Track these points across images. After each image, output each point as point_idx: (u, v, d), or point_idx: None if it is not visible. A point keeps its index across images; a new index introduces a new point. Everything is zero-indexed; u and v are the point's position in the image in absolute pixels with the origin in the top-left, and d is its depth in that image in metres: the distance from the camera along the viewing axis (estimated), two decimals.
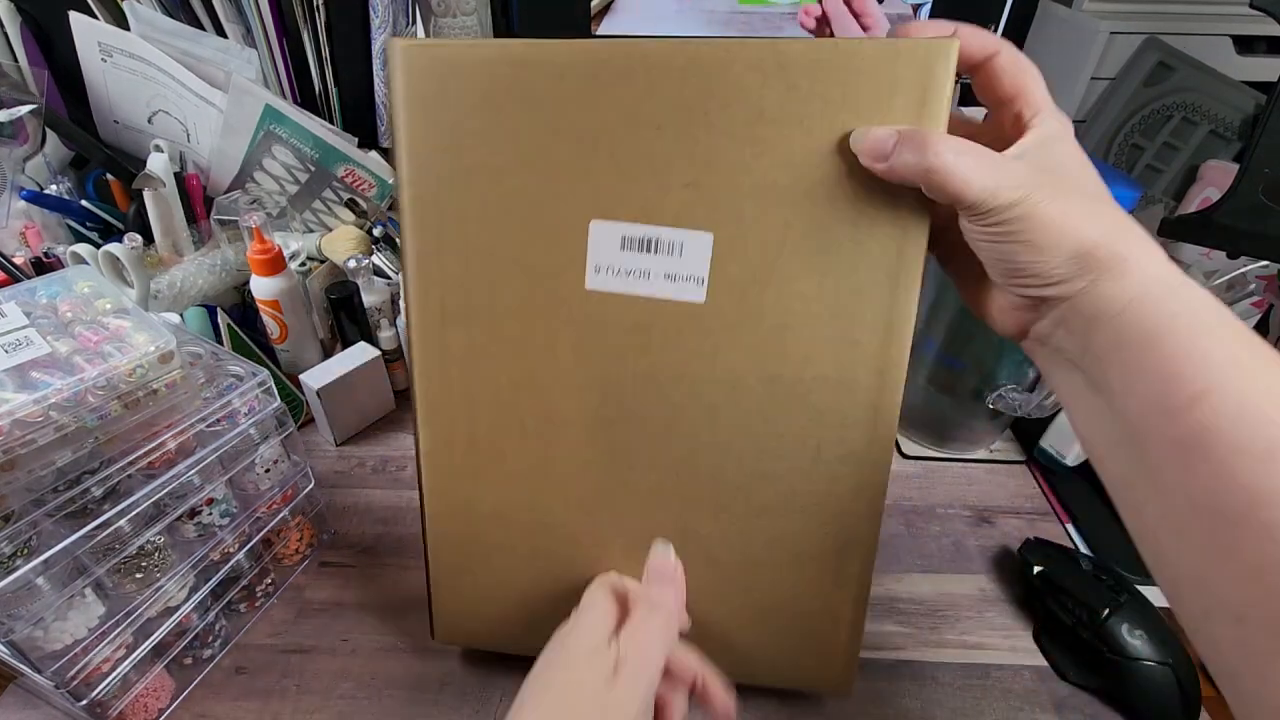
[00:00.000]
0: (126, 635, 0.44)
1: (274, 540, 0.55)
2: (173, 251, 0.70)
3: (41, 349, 0.40)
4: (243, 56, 0.74)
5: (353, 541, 0.59)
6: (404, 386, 0.74)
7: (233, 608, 0.53)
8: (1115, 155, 0.80)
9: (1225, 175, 0.75)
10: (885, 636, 0.53)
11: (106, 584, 0.43)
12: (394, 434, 0.70)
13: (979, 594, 0.56)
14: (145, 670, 0.46)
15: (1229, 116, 0.76)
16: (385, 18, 0.76)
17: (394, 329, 0.71)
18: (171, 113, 0.74)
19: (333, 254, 0.72)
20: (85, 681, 0.42)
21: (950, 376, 0.63)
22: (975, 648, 0.52)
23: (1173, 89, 0.77)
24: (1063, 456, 0.64)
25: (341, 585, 0.56)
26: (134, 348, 0.42)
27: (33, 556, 0.38)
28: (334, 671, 0.50)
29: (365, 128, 0.82)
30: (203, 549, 0.47)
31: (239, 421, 0.48)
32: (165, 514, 0.44)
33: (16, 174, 0.70)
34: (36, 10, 0.73)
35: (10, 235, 0.69)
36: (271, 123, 0.72)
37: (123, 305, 0.45)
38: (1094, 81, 0.79)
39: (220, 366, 0.49)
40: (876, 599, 0.55)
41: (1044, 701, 0.49)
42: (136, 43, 0.70)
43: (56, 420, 0.38)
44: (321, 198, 0.78)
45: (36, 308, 0.43)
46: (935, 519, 0.62)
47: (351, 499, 0.63)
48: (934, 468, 0.67)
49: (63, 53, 0.73)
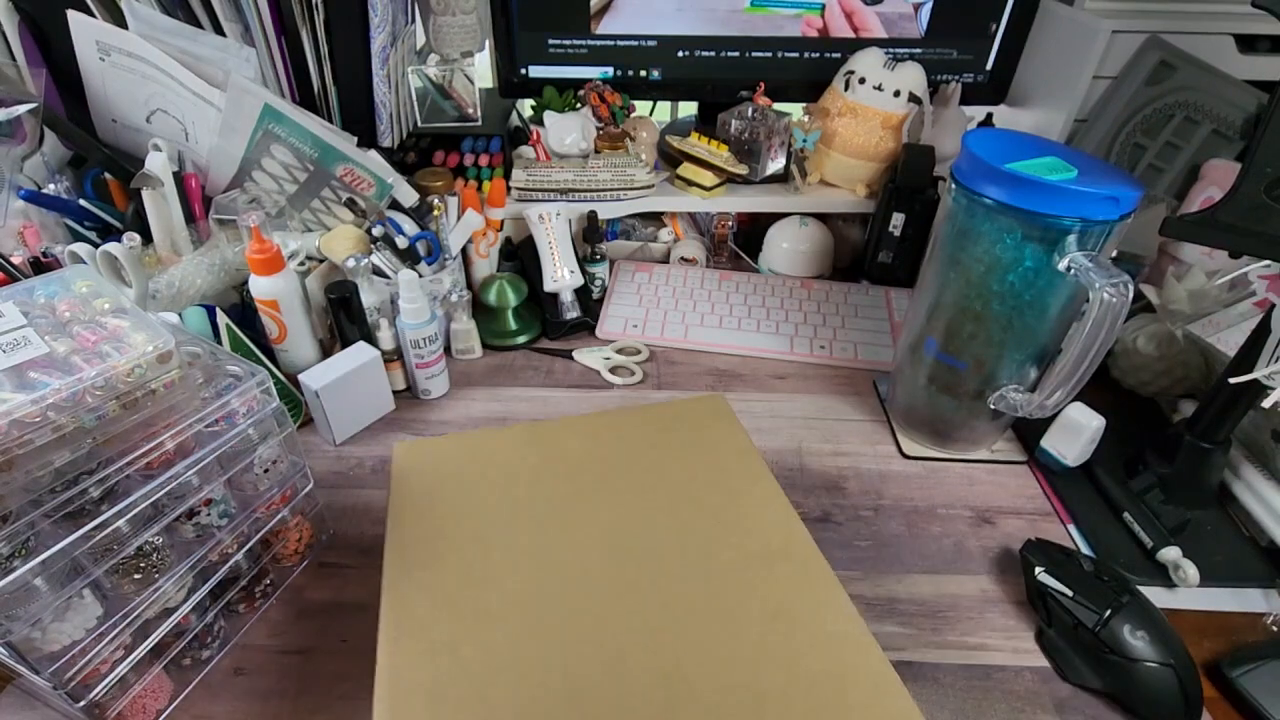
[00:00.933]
0: (125, 636, 0.44)
1: (273, 541, 0.55)
2: (171, 251, 0.70)
3: (39, 349, 0.40)
4: (241, 55, 0.74)
5: (351, 542, 0.59)
6: (403, 386, 0.74)
7: (231, 608, 0.52)
8: (1117, 154, 0.80)
9: (1227, 174, 0.75)
10: (886, 637, 0.53)
11: (105, 585, 0.43)
12: (393, 434, 0.70)
13: (980, 595, 0.56)
14: (143, 671, 0.46)
15: (1231, 115, 0.76)
16: (385, 17, 0.76)
17: (393, 329, 0.71)
18: (170, 112, 0.74)
19: (331, 253, 0.72)
20: (83, 682, 0.42)
21: (951, 377, 0.63)
22: (977, 648, 0.52)
23: (1175, 88, 0.76)
24: (1064, 457, 0.64)
25: (340, 586, 0.56)
26: (132, 348, 0.41)
27: (30, 557, 0.38)
28: (333, 672, 0.50)
29: (364, 127, 0.82)
30: (201, 549, 0.47)
31: (237, 422, 0.47)
32: (163, 514, 0.44)
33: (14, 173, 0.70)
34: (34, 9, 0.72)
35: (8, 234, 0.68)
36: (270, 122, 0.72)
37: (121, 305, 0.45)
38: (1096, 80, 0.79)
39: (219, 366, 0.49)
40: (878, 599, 0.55)
41: (1045, 702, 0.49)
42: (135, 41, 0.70)
43: (54, 420, 0.38)
44: (320, 197, 0.78)
45: (34, 307, 0.43)
46: (936, 519, 0.62)
47: (350, 499, 0.63)
48: (935, 468, 0.67)
49: (61, 52, 0.73)
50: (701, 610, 0.44)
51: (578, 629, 0.44)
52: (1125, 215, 0.52)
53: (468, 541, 0.49)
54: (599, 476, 0.53)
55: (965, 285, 0.59)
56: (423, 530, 0.49)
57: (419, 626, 0.44)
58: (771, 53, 0.90)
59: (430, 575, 0.46)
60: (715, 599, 0.45)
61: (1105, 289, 0.50)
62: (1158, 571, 0.57)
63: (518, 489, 0.52)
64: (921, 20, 0.86)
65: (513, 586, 0.46)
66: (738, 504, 0.51)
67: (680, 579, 0.46)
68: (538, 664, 0.42)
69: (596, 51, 0.90)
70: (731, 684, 0.41)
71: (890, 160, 0.87)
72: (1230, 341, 0.65)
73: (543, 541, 0.49)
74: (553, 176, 0.85)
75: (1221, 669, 0.50)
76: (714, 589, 0.45)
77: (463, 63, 0.85)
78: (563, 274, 0.81)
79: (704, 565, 0.47)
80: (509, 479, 0.53)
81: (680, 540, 0.48)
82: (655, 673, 0.41)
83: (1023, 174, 0.52)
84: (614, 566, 0.47)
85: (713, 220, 0.93)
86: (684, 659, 0.42)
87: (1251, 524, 0.61)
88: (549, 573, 0.47)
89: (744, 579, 0.46)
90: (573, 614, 0.45)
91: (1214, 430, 0.59)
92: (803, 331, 0.82)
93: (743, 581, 0.46)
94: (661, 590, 0.45)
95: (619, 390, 0.76)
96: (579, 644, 0.43)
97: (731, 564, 0.47)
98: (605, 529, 0.49)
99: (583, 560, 0.47)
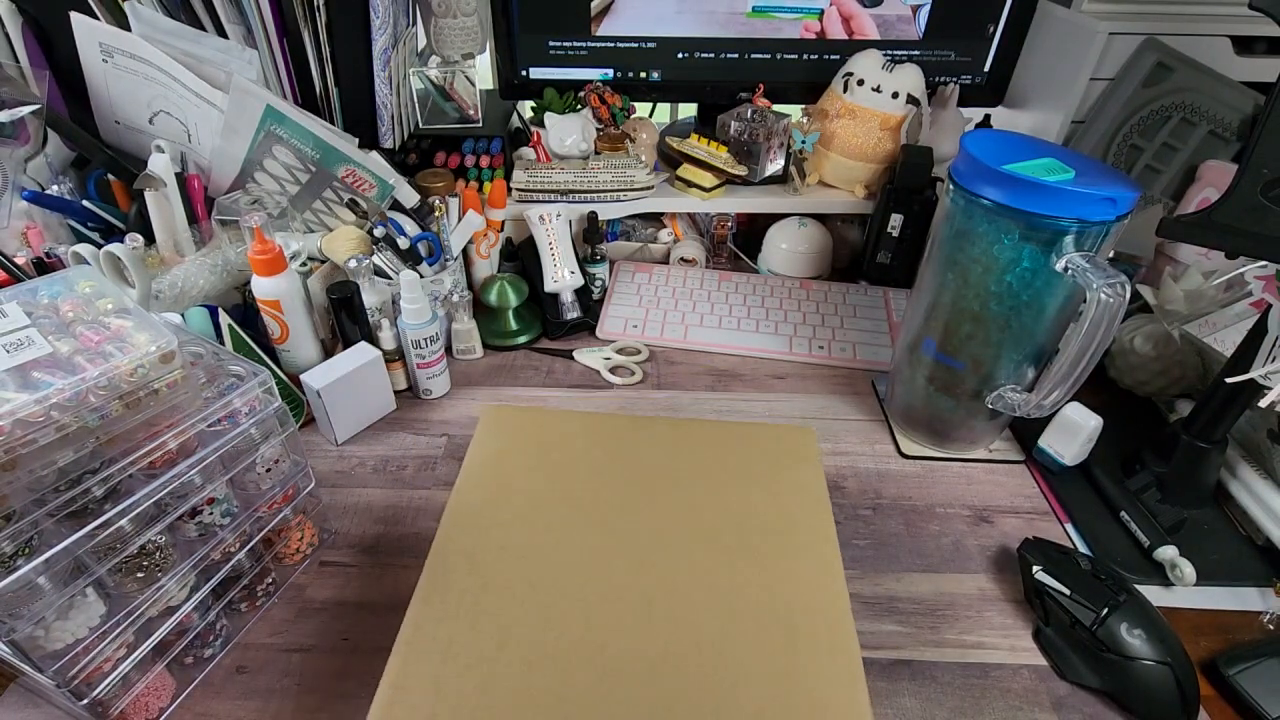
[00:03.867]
0: (127, 634, 0.44)
1: (275, 540, 0.55)
2: (174, 252, 0.70)
3: (43, 349, 0.40)
4: (244, 57, 0.74)
5: (353, 541, 0.59)
6: (404, 386, 0.75)
7: (233, 607, 0.53)
8: (1114, 156, 0.80)
9: (1224, 175, 0.75)
10: (884, 636, 0.53)
11: (108, 583, 0.43)
12: (394, 434, 0.70)
13: (978, 593, 0.56)
14: (146, 669, 0.46)
15: (1228, 117, 0.76)
16: (385, 18, 0.76)
17: (394, 329, 0.71)
18: (172, 113, 0.74)
19: (333, 254, 0.72)
20: (86, 681, 0.42)
21: (949, 376, 0.63)
22: (974, 647, 0.52)
23: (1171, 89, 0.77)
24: (1061, 456, 0.64)
25: (342, 584, 0.56)
26: (135, 347, 0.42)
27: (34, 556, 0.38)
28: (335, 671, 0.50)
29: (366, 128, 0.82)
30: (204, 548, 0.47)
31: (240, 421, 0.48)
32: (166, 513, 0.45)
33: (18, 174, 0.70)
34: (37, 11, 0.73)
35: (12, 235, 0.69)
36: (272, 123, 0.72)
37: (124, 305, 0.45)
38: (1093, 82, 0.79)
39: (221, 366, 0.49)
40: (876, 598, 0.56)
41: (1043, 701, 0.49)
42: (138, 43, 0.70)
43: (58, 420, 0.38)
44: (322, 198, 0.78)
45: (38, 308, 0.43)
46: (934, 518, 0.62)
47: (352, 499, 0.63)
48: (933, 467, 0.67)
49: (64, 53, 0.73)
50: (708, 649, 0.44)
51: (578, 634, 0.44)
52: (1122, 216, 0.52)
53: (514, 519, 0.51)
54: (657, 487, 0.53)
55: (963, 286, 0.59)
56: (480, 496, 0.52)
57: (450, 587, 0.47)
58: (771, 55, 0.90)
59: (473, 541, 0.50)
60: (726, 641, 0.44)
61: (1102, 289, 0.50)
62: (1155, 570, 0.57)
63: (576, 481, 0.53)
64: (920, 22, 0.87)
65: (537, 574, 0.47)
66: (788, 553, 0.49)
67: (702, 610, 0.46)
68: (536, 658, 0.43)
69: (597, 53, 0.90)
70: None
71: (889, 161, 0.88)
72: (1227, 341, 0.65)
73: (581, 539, 0.49)
74: (553, 177, 0.86)
75: (1218, 667, 0.50)
76: (728, 631, 0.45)
77: (464, 64, 0.86)
78: (563, 274, 0.81)
79: (728, 604, 0.46)
80: (572, 468, 0.54)
81: (712, 572, 0.48)
82: (644, 703, 0.41)
83: (1020, 175, 0.53)
84: (637, 580, 0.47)
85: (712, 221, 0.94)
86: (673, 695, 0.41)
87: (1248, 523, 0.61)
88: (572, 574, 0.47)
89: (763, 630, 0.45)
90: (580, 618, 0.45)
91: (1211, 430, 0.59)
92: (801, 332, 0.83)
93: (758, 632, 0.45)
94: (676, 618, 0.45)
95: (619, 390, 0.76)
96: (574, 650, 0.43)
97: (756, 608, 0.46)
98: (644, 541, 0.49)
99: (609, 567, 0.48)
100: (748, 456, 0.55)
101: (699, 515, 0.51)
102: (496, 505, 0.52)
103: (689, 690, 0.42)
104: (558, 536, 0.50)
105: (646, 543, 0.49)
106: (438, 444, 0.69)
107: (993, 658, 0.52)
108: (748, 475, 0.53)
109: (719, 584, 0.47)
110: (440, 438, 0.69)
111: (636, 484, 0.53)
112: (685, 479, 0.53)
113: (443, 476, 0.65)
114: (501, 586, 0.47)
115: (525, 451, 0.56)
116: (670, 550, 0.49)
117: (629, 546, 0.49)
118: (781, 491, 0.53)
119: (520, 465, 0.55)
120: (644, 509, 0.51)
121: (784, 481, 0.53)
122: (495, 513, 0.52)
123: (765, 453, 0.55)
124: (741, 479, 0.53)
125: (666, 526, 0.50)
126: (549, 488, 0.53)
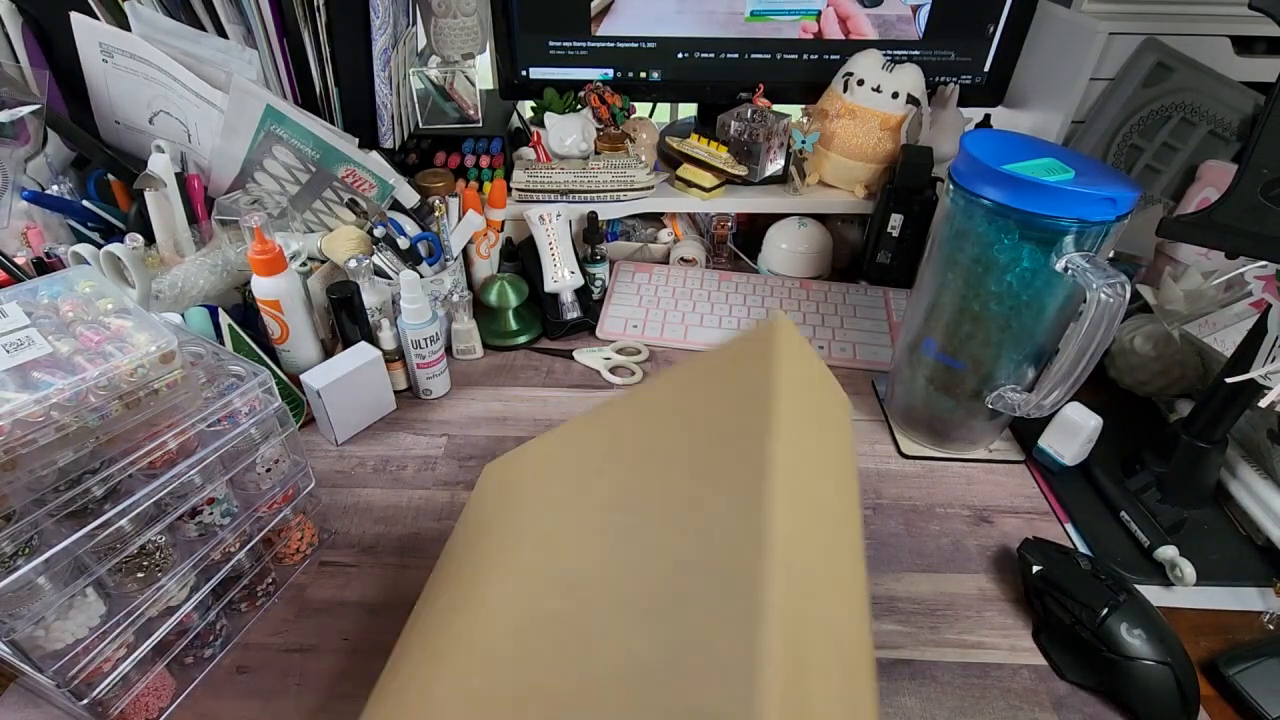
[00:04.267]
0: (128, 634, 0.44)
1: (275, 540, 0.55)
2: (174, 252, 0.70)
3: (43, 349, 0.40)
4: (244, 57, 0.74)
5: (353, 541, 0.59)
6: (404, 386, 0.75)
7: (234, 607, 0.53)
8: (1114, 156, 0.80)
9: (1224, 175, 0.75)
10: (884, 636, 0.53)
11: (108, 583, 0.43)
12: (394, 434, 0.70)
13: (978, 593, 0.56)
14: (146, 669, 0.46)
15: (1228, 117, 0.76)
16: (385, 18, 0.76)
17: (394, 329, 0.71)
18: (172, 113, 0.74)
19: (333, 254, 0.72)
20: (86, 681, 0.42)
21: (949, 376, 0.63)
22: (974, 647, 0.52)
23: (1171, 89, 0.77)
24: (1061, 456, 0.64)
25: (342, 584, 0.56)
26: (135, 347, 0.42)
27: (34, 556, 0.38)
28: (335, 671, 0.50)
29: (365, 128, 0.82)
30: (204, 548, 0.47)
31: (240, 421, 0.48)
32: (166, 513, 0.45)
33: (18, 174, 0.70)
34: (37, 11, 0.73)
35: (12, 235, 0.69)
36: (272, 123, 0.72)
37: (124, 305, 0.45)
38: (1093, 82, 0.79)
39: (221, 366, 0.49)
40: (876, 598, 0.56)
41: (1043, 700, 0.49)
42: (138, 43, 0.70)
43: (58, 420, 0.38)
44: (322, 198, 0.78)
45: (38, 308, 0.43)
46: (934, 518, 0.62)
47: (352, 499, 0.63)
48: (933, 467, 0.67)
49: (64, 53, 0.73)
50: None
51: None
52: (1122, 216, 0.52)
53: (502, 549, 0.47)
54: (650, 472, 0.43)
55: (963, 286, 0.59)
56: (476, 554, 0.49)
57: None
58: (770, 55, 0.90)
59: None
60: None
61: (1102, 289, 0.50)
62: (1155, 570, 0.57)
63: (569, 503, 0.47)
64: (919, 22, 0.87)
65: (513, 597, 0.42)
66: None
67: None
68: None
69: (596, 53, 0.90)
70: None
71: (889, 161, 0.88)
72: (1227, 341, 0.65)
73: (579, 544, 0.43)
74: (553, 177, 0.86)
75: (1218, 667, 0.50)
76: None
77: (464, 64, 0.86)
78: (563, 274, 0.81)
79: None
80: (568, 490, 0.47)
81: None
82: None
83: (1020, 175, 0.53)
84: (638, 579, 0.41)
85: (712, 221, 0.94)
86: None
87: (1248, 523, 0.61)
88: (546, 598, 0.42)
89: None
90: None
91: (1211, 430, 0.59)
92: (801, 331, 0.83)
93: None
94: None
95: (619, 390, 0.76)
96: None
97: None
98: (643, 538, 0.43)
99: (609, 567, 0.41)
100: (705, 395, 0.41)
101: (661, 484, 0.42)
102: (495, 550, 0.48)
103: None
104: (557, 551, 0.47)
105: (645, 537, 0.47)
106: (438, 444, 0.69)
107: (993, 657, 0.52)
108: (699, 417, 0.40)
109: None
110: (440, 438, 0.69)
111: (636, 480, 0.50)
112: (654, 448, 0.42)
113: (443, 476, 0.65)
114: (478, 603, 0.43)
115: (521, 494, 0.51)
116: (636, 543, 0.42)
117: (629, 546, 0.48)
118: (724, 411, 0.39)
119: (516, 508, 0.50)
120: (644, 507, 0.49)
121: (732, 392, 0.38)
122: (496, 554, 0.47)
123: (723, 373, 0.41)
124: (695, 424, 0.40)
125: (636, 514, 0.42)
126: (537, 518, 0.47)
